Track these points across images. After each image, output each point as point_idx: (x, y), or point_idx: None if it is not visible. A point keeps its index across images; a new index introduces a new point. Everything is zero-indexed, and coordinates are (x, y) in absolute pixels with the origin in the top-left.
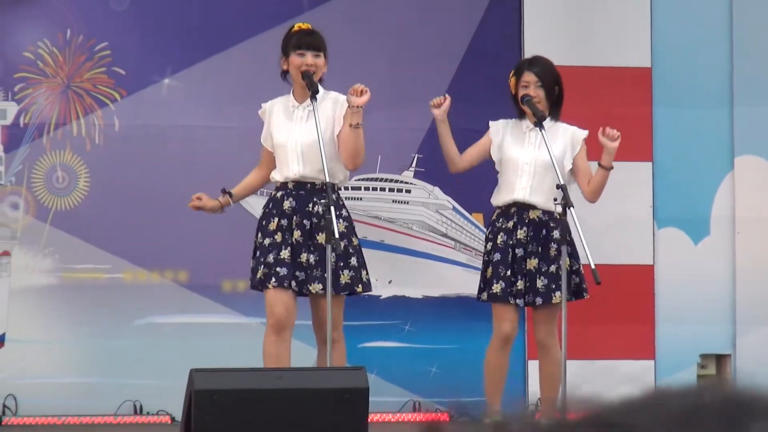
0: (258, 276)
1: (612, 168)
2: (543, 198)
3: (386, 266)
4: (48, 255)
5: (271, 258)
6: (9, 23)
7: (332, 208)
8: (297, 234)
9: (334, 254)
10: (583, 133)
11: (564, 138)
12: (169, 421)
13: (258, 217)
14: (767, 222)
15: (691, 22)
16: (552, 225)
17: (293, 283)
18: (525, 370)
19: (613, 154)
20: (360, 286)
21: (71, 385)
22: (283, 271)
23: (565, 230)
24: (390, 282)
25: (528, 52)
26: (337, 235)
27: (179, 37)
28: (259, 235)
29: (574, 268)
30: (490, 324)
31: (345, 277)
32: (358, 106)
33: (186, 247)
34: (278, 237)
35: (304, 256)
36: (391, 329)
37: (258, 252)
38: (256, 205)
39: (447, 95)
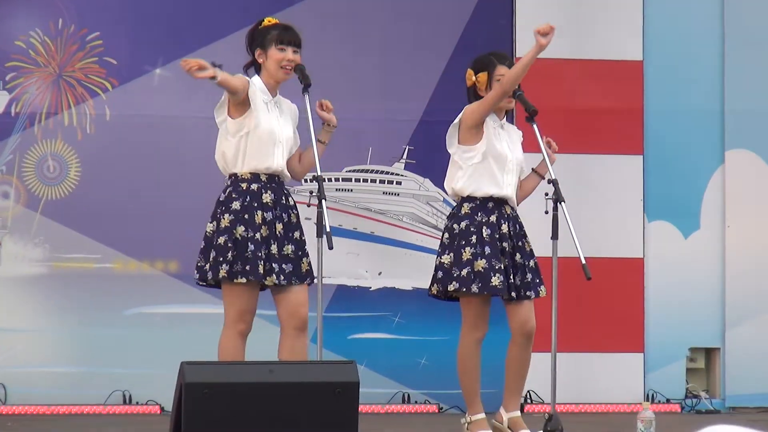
0: (260, 271)
1: (544, 178)
2: (515, 196)
3: (376, 258)
4: (38, 244)
5: (262, 253)
6: (1, 13)
7: (323, 201)
8: (279, 227)
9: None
10: (521, 134)
11: (517, 138)
12: (159, 411)
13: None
14: (757, 216)
15: (683, 16)
16: (520, 221)
17: (282, 277)
18: None
19: (552, 164)
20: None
21: (61, 375)
22: (276, 267)
23: (555, 225)
24: (380, 274)
25: (520, 45)
26: (328, 229)
27: (171, 27)
28: (240, 227)
29: (536, 262)
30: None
31: (305, 265)
32: (334, 126)
33: (176, 237)
34: (264, 231)
35: (288, 248)
36: (381, 321)
37: (250, 244)
38: None
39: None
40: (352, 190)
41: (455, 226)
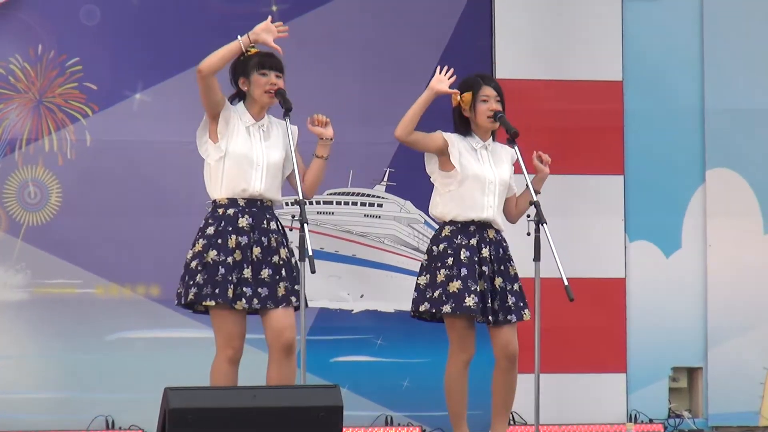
0: (228, 294)
1: (540, 193)
2: (501, 218)
3: (358, 280)
4: (20, 270)
5: (234, 277)
6: None
7: (305, 225)
8: (257, 251)
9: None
10: (513, 152)
11: (506, 157)
12: None
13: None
14: (739, 235)
15: (662, 36)
16: (505, 244)
17: (255, 300)
18: None
19: (545, 179)
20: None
21: (43, 400)
22: (248, 291)
23: (538, 246)
24: (362, 296)
25: (499, 67)
26: (311, 253)
27: (150, 52)
28: (212, 251)
29: (519, 287)
30: None
31: (281, 289)
32: (330, 138)
33: (158, 261)
34: (238, 255)
35: (265, 272)
36: (363, 343)
37: (221, 267)
38: None
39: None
40: (333, 213)
41: (434, 248)
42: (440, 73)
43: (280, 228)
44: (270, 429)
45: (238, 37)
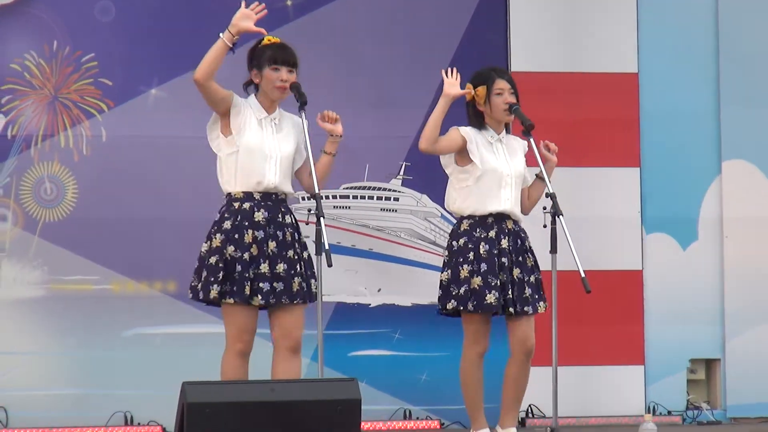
0: (246, 291)
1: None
2: (518, 209)
3: (375, 274)
4: (37, 267)
5: (251, 273)
6: None
7: (322, 219)
8: (272, 245)
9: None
10: (525, 144)
11: (520, 149)
12: None
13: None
14: (755, 225)
15: (677, 28)
16: (523, 235)
17: (271, 296)
18: None
19: (554, 167)
20: (312, 296)
21: (61, 397)
22: (265, 286)
23: (554, 238)
24: (379, 290)
25: (514, 60)
26: (327, 247)
27: (165, 47)
28: (230, 247)
29: (538, 277)
30: None
31: (313, 286)
32: (340, 136)
33: (174, 257)
34: (254, 250)
35: (280, 267)
36: (381, 338)
37: (238, 264)
38: None
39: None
40: (349, 207)
41: (454, 243)
42: (448, 77)
43: (295, 222)
44: (288, 423)
45: (220, 34)
